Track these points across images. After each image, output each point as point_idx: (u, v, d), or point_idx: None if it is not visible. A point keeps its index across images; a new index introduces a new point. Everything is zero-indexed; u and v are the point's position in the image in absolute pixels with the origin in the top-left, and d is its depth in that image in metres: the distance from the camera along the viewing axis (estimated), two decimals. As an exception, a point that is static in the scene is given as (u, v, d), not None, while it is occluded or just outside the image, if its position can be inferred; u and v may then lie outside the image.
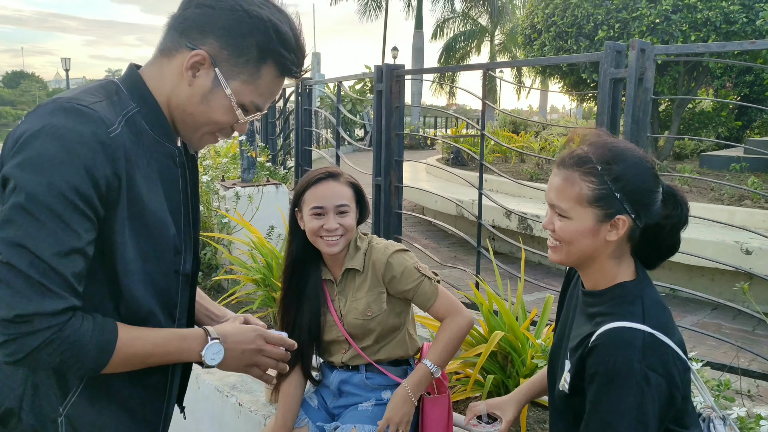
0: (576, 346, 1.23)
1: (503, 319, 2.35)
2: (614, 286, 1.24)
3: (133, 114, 1.06)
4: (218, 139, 1.19)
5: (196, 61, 1.05)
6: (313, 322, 1.83)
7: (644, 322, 1.15)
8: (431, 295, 1.78)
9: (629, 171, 1.20)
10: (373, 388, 1.85)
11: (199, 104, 1.09)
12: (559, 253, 1.28)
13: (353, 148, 14.69)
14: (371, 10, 27.39)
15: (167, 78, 1.09)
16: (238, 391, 2.44)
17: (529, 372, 2.28)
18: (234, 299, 3.47)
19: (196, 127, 1.12)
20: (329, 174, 1.79)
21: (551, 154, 8.70)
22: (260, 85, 1.10)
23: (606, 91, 2.50)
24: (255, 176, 4.28)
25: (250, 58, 1.07)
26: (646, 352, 1.11)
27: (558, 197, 1.24)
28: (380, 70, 3.64)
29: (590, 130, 1.31)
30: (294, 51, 1.10)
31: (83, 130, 0.96)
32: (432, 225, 7.94)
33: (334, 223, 1.74)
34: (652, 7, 7.83)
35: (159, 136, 1.09)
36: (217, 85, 1.07)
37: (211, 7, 1.05)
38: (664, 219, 1.23)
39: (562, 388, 1.26)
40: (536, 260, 6.23)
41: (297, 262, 1.86)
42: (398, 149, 3.72)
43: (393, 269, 1.78)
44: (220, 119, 1.10)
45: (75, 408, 1.07)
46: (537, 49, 9.68)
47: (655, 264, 1.30)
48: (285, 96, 5.93)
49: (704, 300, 2.86)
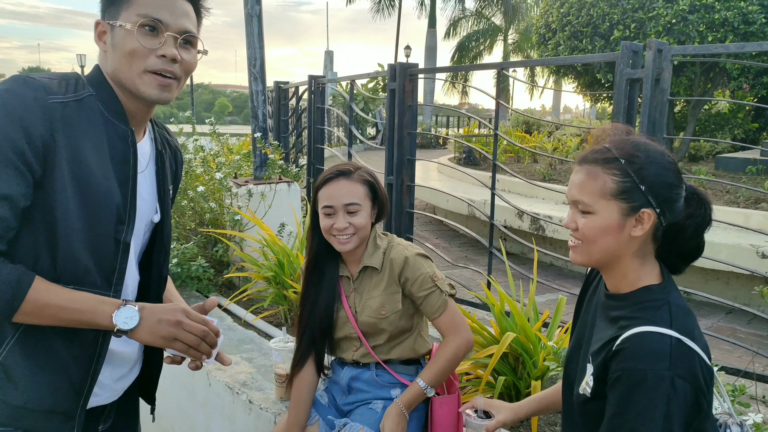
0: (598, 350, 1.21)
1: (515, 321, 2.34)
2: (639, 289, 1.21)
3: (88, 96, 1.19)
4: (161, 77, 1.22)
5: (99, 30, 1.22)
6: (326, 317, 1.83)
7: (671, 327, 1.12)
8: (438, 308, 1.77)
9: (652, 164, 1.17)
10: (382, 385, 1.85)
11: (113, 53, 1.21)
12: (581, 253, 1.24)
13: (365, 147, 14.69)
14: (384, 8, 27.37)
15: (104, 67, 1.24)
16: (249, 388, 2.45)
17: (540, 374, 2.26)
18: (245, 296, 3.48)
19: (128, 74, 1.20)
20: (340, 172, 1.78)
21: (564, 155, 8.64)
22: (139, 1, 1.20)
23: (622, 92, 2.47)
24: (266, 174, 4.29)
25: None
26: (674, 358, 1.09)
27: (581, 192, 1.21)
28: (393, 69, 3.63)
29: (608, 127, 1.29)
30: None
31: (25, 93, 1.10)
32: (443, 224, 7.92)
33: (344, 222, 1.73)
34: (669, 7, 7.75)
35: (113, 117, 1.22)
36: (113, 29, 1.20)
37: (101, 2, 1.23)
38: (686, 219, 1.20)
39: (583, 391, 1.24)
40: (548, 261, 6.20)
41: (316, 258, 1.86)
42: (410, 148, 3.71)
43: (408, 271, 1.77)
44: (126, 48, 1.19)
45: (9, 356, 1.15)
46: (551, 48, 9.62)
47: (681, 268, 1.26)
48: (298, 94, 5.94)
49: (719, 303, 2.82)
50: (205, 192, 3.93)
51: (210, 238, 4.00)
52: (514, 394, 2.36)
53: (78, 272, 1.17)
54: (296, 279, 3.26)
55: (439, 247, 6.47)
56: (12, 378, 1.15)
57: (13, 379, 1.15)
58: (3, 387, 1.15)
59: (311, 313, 1.84)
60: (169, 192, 1.40)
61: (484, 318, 3.04)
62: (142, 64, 1.20)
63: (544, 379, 2.30)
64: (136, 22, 1.18)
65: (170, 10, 1.21)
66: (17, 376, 1.15)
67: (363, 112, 16.06)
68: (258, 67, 4.14)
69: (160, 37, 1.20)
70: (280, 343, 2.25)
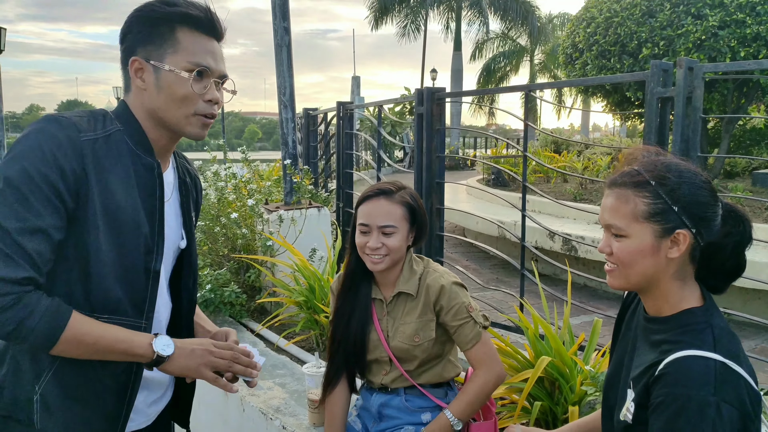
0: (640, 375, 1.18)
1: (550, 344, 2.30)
2: (681, 312, 1.19)
3: (116, 132, 1.24)
4: (206, 118, 1.30)
5: (135, 67, 1.25)
6: (359, 338, 1.82)
7: (715, 351, 1.10)
8: (471, 340, 1.75)
9: (685, 184, 1.15)
10: (413, 410, 1.83)
11: (158, 95, 1.25)
12: (618, 278, 1.22)
13: (392, 170, 14.75)
14: (410, 32, 27.66)
15: (136, 101, 1.28)
16: (282, 414, 2.45)
17: (578, 399, 2.21)
18: (277, 321, 3.50)
19: (174, 114, 1.27)
20: (381, 191, 1.76)
21: (595, 174, 8.53)
22: (186, 47, 1.25)
23: (653, 111, 2.45)
24: (294, 198, 4.34)
25: (164, 34, 1.24)
26: (719, 383, 1.06)
27: (612, 216, 1.20)
28: (421, 94, 3.67)
29: (638, 148, 1.27)
30: (196, 8, 1.26)
31: (58, 132, 1.15)
32: (473, 246, 7.86)
33: (377, 242, 1.72)
34: (698, 24, 7.66)
35: (139, 151, 1.26)
36: (158, 71, 1.24)
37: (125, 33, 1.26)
38: (724, 237, 1.18)
39: (624, 418, 1.21)
40: (582, 282, 6.09)
41: (352, 276, 1.85)
42: (439, 171, 3.72)
43: (444, 299, 1.75)
44: (180, 93, 1.25)
45: (48, 388, 1.19)
46: (579, 68, 9.58)
47: (722, 288, 1.23)
48: (326, 120, 6.03)
49: (761, 324, 2.73)
50: (237, 218, 3.99)
51: (242, 264, 4.05)
52: (550, 419, 2.31)
53: (110, 303, 1.22)
54: (327, 303, 3.27)
55: (469, 270, 6.43)
56: (50, 409, 1.19)
57: (51, 410, 1.19)
58: (43, 418, 1.19)
59: (344, 332, 1.83)
60: (192, 218, 1.44)
61: (517, 341, 2.99)
62: (192, 108, 1.26)
63: (582, 404, 2.25)
64: (188, 69, 1.24)
65: (212, 55, 1.28)
66: (54, 408, 1.19)
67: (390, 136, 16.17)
68: (288, 96, 4.22)
69: (206, 81, 1.27)
70: (313, 369, 2.25)
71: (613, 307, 5.64)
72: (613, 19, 8.69)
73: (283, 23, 4.13)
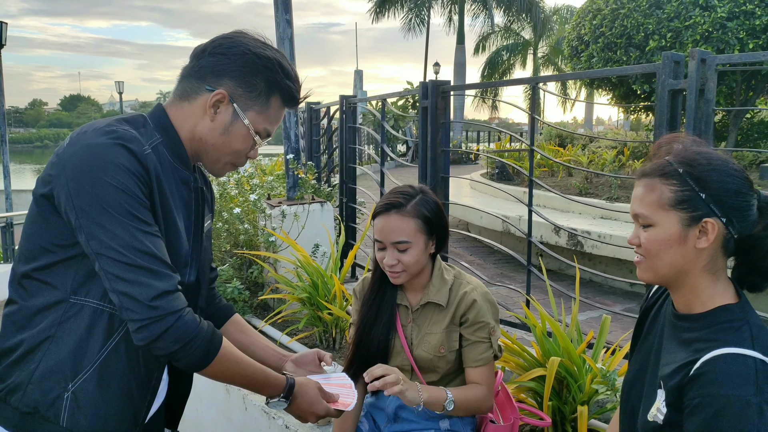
0: (671, 374, 1.13)
1: (558, 342, 2.25)
2: (716, 309, 1.14)
3: (158, 143, 1.23)
4: (236, 167, 1.37)
5: (217, 99, 1.24)
6: (383, 344, 1.77)
7: (754, 348, 1.05)
8: (480, 359, 1.70)
9: (713, 172, 1.11)
10: (431, 416, 1.78)
11: (221, 135, 1.27)
12: (647, 270, 1.19)
13: (396, 164, 14.70)
14: (415, 26, 27.52)
15: (189, 117, 1.27)
16: (285, 413, 2.41)
17: (587, 398, 2.17)
18: (280, 318, 3.46)
19: (219, 156, 1.30)
20: (391, 205, 1.67)
21: (600, 168, 8.46)
22: (270, 114, 1.30)
23: (665, 103, 2.39)
24: (298, 194, 4.29)
25: (261, 92, 1.27)
26: (760, 383, 1.01)
27: (640, 205, 1.17)
28: (425, 87, 3.61)
29: (671, 138, 1.22)
30: (295, 82, 1.31)
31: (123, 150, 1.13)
32: (477, 241, 7.81)
33: (392, 259, 1.67)
34: (707, 15, 7.57)
35: (177, 163, 1.27)
36: (236, 118, 1.26)
37: (224, 54, 1.24)
38: (763, 230, 1.13)
39: (653, 419, 1.16)
40: (587, 278, 6.04)
41: (380, 282, 1.80)
42: (444, 166, 3.66)
43: (472, 313, 1.71)
44: (239, 147, 1.29)
45: (84, 385, 1.18)
46: (584, 60, 9.48)
47: (761, 286, 1.18)
48: (329, 114, 5.97)
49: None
50: (240, 214, 3.95)
51: (245, 260, 4.01)
52: (558, 419, 2.26)
53: None
54: (330, 300, 3.23)
55: (474, 264, 6.38)
56: (81, 406, 1.18)
57: (82, 407, 1.19)
58: (71, 415, 1.18)
59: (368, 337, 1.78)
60: (202, 226, 1.43)
61: (522, 338, 2.94)
62: (235, 159, 1.32)
63: (591, 403, 2.20)
64: (262, 134, 1.30)
65: (280, 121, 1.34)
66: (86, 404, 1.19)
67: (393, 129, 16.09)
68: (290, 89, 4.16)
69: (260, 143, 1.33)
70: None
71: (620, 303, 5.59)
72: (619, 11, 8.59)
73: (285, 16, 4.07)
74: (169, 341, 1.12)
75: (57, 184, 1.12)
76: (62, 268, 1.17)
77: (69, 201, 1.11)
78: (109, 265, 1.10)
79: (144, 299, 1.09)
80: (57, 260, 1.17)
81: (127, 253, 1.10)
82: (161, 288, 1.11)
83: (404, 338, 1.77)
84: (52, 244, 1.17)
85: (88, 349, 1.18)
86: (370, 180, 5.72)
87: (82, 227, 1.11)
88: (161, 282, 1.12)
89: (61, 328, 1.17)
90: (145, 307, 1.10)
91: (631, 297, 5.50)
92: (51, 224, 1.16)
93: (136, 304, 1.10)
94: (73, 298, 1.17)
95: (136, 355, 1.24)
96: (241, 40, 1.26)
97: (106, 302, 1.18)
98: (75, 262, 1.17)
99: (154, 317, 1.10)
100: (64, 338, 1.18)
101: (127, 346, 1.21)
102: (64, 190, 1.11)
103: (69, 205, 1.11)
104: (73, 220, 1.11)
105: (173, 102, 1.29)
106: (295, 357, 1.61)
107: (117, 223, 1.10)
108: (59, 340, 1.17)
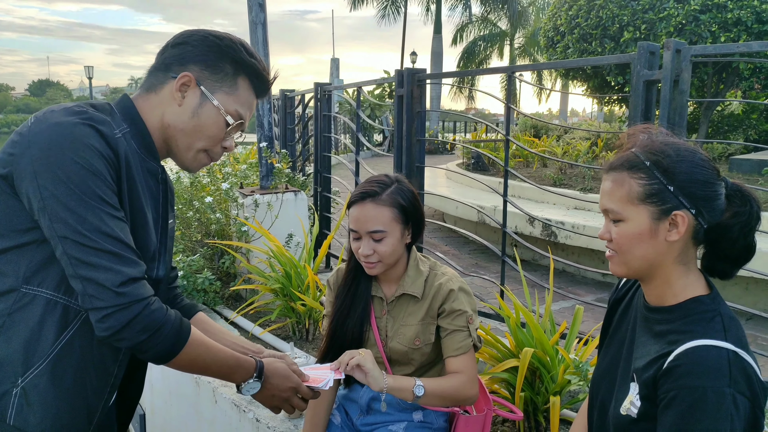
0: (645, 367, 1.13)
1: (531, 333, 2.25)
2: (688, 300, 1.13)
3: (126, 132, 1.19)
4: (210, 160, 1.31)
5: (183, 82, 1.21)
6: (357, 336, 1.74)
7: (726, 340, 1.05)
8: (459, 348, 1.66)
9: (682, 163, 1.10)
10: (404, 408, 1.76)
11: (190, 119, 1.23)
12: (619, 264, 1.18)
13: (372, 153, 14.64)
14: (390, 14, 27.36)
15: (156, 106, 1.24)
16: (256, 406, 2.37)
17: (559, 389, 2.17)
18: (252, 309, 3.40)
19: (190, 143, 1.25)
20: (366, 194, 1.64)
21: (574, 158, 8.53)
22: (240, 96, 1.26)
23: (639, 94, 2.38)
24: (273, 183, 4.22)
25: (227, 73, 1.24)
26: (733, 374, 1.01)
27: (609, 200, 1.16)
28: (401, 75, 3.56)
29: (638, 128, 1.20)
30: (260, 62, 1.28)
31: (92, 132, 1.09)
32: (453, 231, 7.82)
33: (368, 249, 1.63)
34: (680, 8, 7.64)
35: (145, 155, 1.23)
36: (204, 100, 1.23)
37: (186, 43, 1.23)
38: (731, 218, 1.12)
39: (626, 412, 1.15)
40: (560, 268, 6.09)
41: (354, 273, 1.77)
42: (419, 155, 3.62)
43: (449, 303, 1.68)
44: (211, 131, 1.24)
45: (34, 381, 1.12)
46: (560, 51, 9.53)
47: (730, 273, 1.18)
48: (304, 102, 5.89)
49: (738, 310, 2.71)
50: (212, 203, 3.87)
51: (216, 250, 3.93)
52: (531, 410, 2.26)
53: None
54: (304, 291, 3.19)
55: (449, 255, 6.38)
56: (31, 403, 1.12)
57: (32, 405, 1.12)
58: (22, 412, 1.11)
59: (342, 327, 1.75)
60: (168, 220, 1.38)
61: (497, 328, 2.94)
62: (208, 145, 1.26)
63: (563, 393, 2.21)
64: (235, 116, 1.25)
65: (251, 112, 1.31)
66: (36, 402, 1.12)
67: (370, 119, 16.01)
68: (263, 75, 4.08)
69: (234, 132, 1.28)
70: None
71: (592, 293, 5.65)
72: (595, 2, 8.65)
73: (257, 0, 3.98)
74: (136, 330, 1.07)
75: (19, 164, 1.06)
76: (15, 254, 1.11)
77: (33, 181, 1.05)
78: (74, 249, 1.04)
79: (111, 285, 1.04)
80: (10, 246, 1.10)
81: (94, 237, 1.04)
82: (129, 274, 1.06)
83: (377, 331, 1.74)
84: (5, 229, 1.10)
85: (40, 342, 1.12)
86: (346, 169, 5.67)
87: (46, 209, 1.04)
88: (129, 268, 1.07)
89: (11, 319, 1.11)
90: (111, 293, 1.04)
91: (603, 287, 5.56)
92: (6, 207, 1.10)
93: (102, 290, 1.04)
94: (25, 288, 1.11)
95: (91, 351, 1.17)
96: (203, 29, 1.26)
97: (60, 293, 1.12)
98: (30, 249, 1.10)
99: (121, 305, 1.05)
100: (15, 330, 1.11)
101: (83, 340, 1.15)
102: (29, 170, 1.05)
103: (33, 186, 1.05)
104: (36, 202, 1.05)
105: (140, 95, 1.25)
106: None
107: (84, 206, 1.04)
108: (9, 332, 1.11)
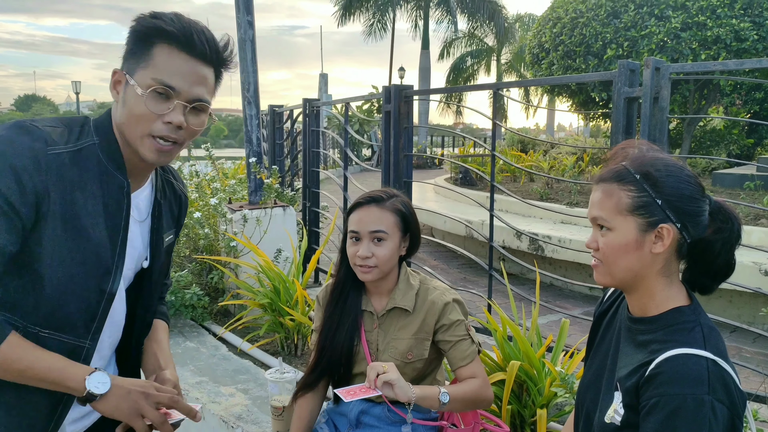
0: (628, 375, 1.16)
1: (518, 346, 2.27)
2: (669, 311, 1.17)
3: (89, 146, 1.20)
4: (159, 145, 1.21)
5: (115, 80, 1.20)
6: (347, 350, 1.75)
7: (705, 349, 1.08)
8: (467, 357, 1.69)
9: (670, 178, 1.14)
10: (393, 421, 1.77)
11: (123, 109, 1.20)
12: (604, 274, 1.21)
13: (360, 168, 14.69)
14: (376, 30, 27.60)
15: (114, 115, 1.23)
16: (245, 421, 2.36)
17: (546, 402, 2.19)
18: (241, 324, 3.40)
19: (132, 132, 1.20)
20: (372, 199, 1.70)
21: (561, 173, 8.63)
22: (157, 64, 1.17)
23: (620, 111, 2.44)
24: (262, 198, 4.24)
25: (138, 47, 1.18)
26: (712, 382, 1.04)
27: (599, 209, 1.19)
28: (388, 91, 3.61)
29: (629, 143, 1.25)
30: (174, 23, 1.17)
31: (23, 143, 1.10)
32: (441, 246, 7.86)
33: (367, 250, 1.66)
34: (662, 26, 7.81)
35: (112, 168, 1.22)
36: (126, 85, 1.19)
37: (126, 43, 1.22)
38: (713, 234, 1.16)
39: (610, 420, 1.18)
40: (548, 282, 6.13)
41: (343, 285, 1.78)
42: (407, 170, 3.66)
43: (447, 317, 1.70)
44: (134, 110, 1.18)
45: None
46: (545, 68, 9.67)
47: (711, 288, 1.22)
48: (293, 117, 5.92)
49: (722, 323, 2.76)
50: (200, 218, 3.87)
51: (205, 265, 3.93)
52: (518, 423, 2.28)
53: (59, 318, 1.17)
54: (292, 306, 3.19)
55: (437, 269, 6.41)
56: None
57: None
58: None
59: (332, 342, 1.76)
60: (163, 240, 1.37)
61: (485, 342, 2.96)
62: (147, 128, 1.18)
63: (550, 406, 2.23)
64: (148, 86, 1.16)
65: (185, 76, 1.18)
66: None
67: (358, 134, 16.08)
68: (252, 92, 4.11)
69: (169, 103, 1.17)
70: (277, 374, 2.17)
71: (579, 306, 5.69)
72: (578, 20, 8.80)
73: (246, 17, 4.02)
74: None
75: None
76: None
77: None
78: None
79: None
80: None
81: None
82: None
83: (366, 345, 1.75)
84: None
85: None
86: (334, 185, 5.69)
87: None
88: None
89: None
90: None
91: (589, 300, 5.61)
92: None
93: None
94: None
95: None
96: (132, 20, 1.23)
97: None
98: None
99: None
100: None
101: None
102: None
103: None
104: None
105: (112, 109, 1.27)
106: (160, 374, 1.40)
107: None
108: None
